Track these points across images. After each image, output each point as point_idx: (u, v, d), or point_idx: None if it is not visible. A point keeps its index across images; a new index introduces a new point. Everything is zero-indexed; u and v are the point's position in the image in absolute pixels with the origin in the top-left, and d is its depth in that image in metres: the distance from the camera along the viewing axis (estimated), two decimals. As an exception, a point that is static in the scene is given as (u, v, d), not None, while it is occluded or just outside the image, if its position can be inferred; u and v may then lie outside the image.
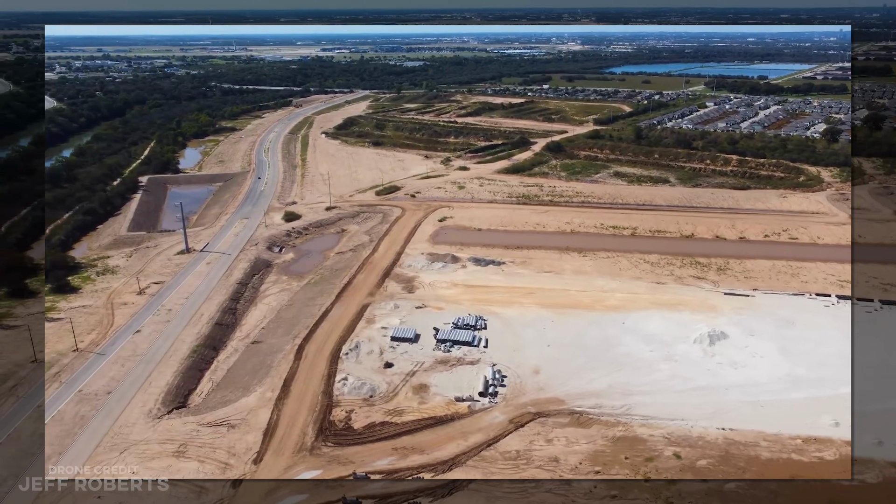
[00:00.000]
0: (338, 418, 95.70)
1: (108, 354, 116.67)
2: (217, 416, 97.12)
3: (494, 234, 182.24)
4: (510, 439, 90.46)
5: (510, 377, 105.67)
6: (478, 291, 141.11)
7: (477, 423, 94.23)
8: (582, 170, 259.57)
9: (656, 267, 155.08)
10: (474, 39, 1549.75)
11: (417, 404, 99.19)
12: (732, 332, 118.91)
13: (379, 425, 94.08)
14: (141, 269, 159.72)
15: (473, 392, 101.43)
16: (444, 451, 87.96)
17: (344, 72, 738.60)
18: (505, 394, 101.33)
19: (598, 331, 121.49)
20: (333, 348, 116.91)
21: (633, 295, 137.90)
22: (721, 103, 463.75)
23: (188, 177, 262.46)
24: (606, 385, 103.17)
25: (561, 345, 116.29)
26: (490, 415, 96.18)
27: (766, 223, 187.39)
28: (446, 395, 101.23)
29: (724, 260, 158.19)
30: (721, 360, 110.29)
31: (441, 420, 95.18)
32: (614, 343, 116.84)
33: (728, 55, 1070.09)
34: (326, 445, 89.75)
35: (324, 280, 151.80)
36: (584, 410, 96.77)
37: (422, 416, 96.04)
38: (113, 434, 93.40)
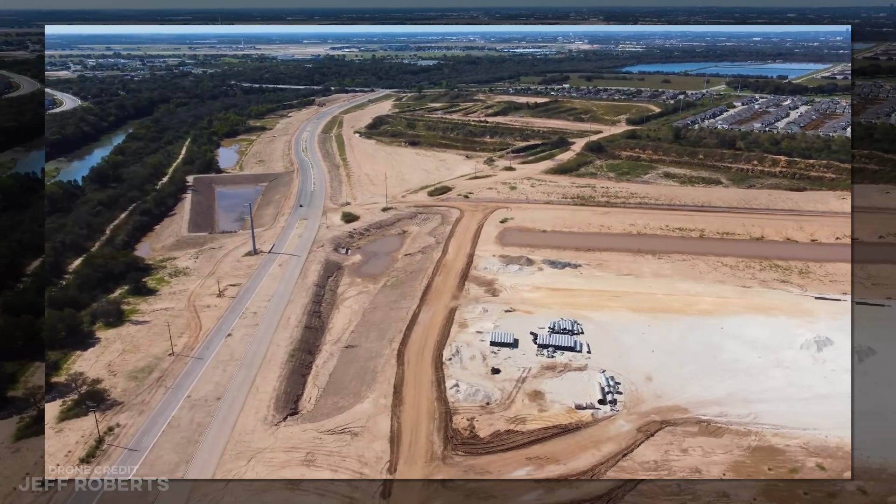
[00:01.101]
0: (461, 426, 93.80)
1: (206, 359, 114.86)
2: (336, 424, 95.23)
3: (560, 235, 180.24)
4: (643, 449, 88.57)
5: (623, 384, 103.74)
6: (562, 295, 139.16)
7: (604, 432, 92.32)
8: (630, 171, 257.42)
9: (736, 270, 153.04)
10: (480, 38, 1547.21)
11: (538, 412, 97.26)
12: (836, 338, 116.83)
13: (504, 434, 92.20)
14: (212, 270, 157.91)
15: (592, 399, 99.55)
16: (580, 462, 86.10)
17: (360, 71, 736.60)
18: (624, 401, 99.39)
19: (699, 336, 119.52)
20: (434, 353, 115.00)
21: (722, 299, 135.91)
22: (749, 103, 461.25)
23: (233, 176, 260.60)
24: (725, 393, 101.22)
25: (665, 350, 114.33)
26: (615, 423, 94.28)
27: (833, 225, 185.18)
28: (564, 403, 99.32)
29: (802, 263, 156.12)
30: (834, 367, 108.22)
31: (566, 428, 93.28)
32: (719, 349, 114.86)
33: (740, 54, 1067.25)
34: (457, 455, 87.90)
35: (401, 283, 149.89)
36: (711, 419, 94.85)
37: (546, 424, 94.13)
38: (235, 442, 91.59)
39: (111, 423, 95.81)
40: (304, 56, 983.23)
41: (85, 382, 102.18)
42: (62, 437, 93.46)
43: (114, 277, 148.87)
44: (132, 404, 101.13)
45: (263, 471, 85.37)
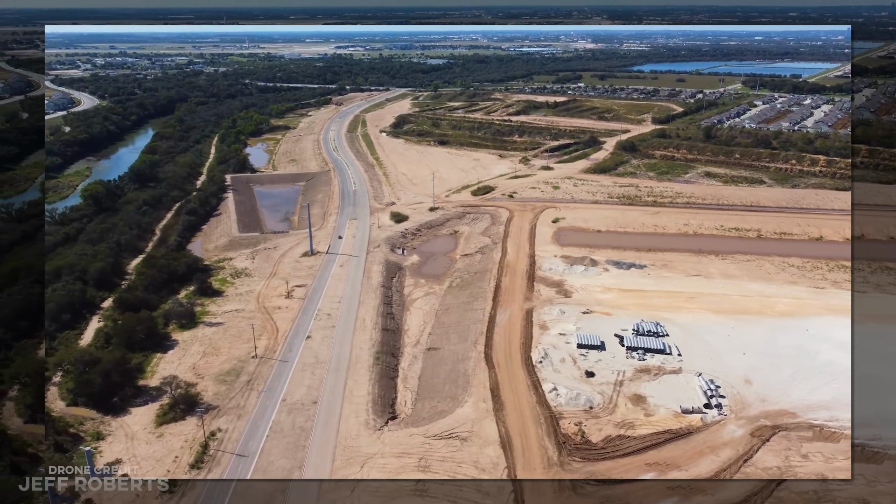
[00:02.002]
0: (570, 431, 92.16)
1: (290, 361, 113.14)
2: (441, 429, 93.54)
3: (616, 235, 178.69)
4: (762, 454, 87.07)
5: (724, 388, 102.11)
6: (635, 296, 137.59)
7: (718, 437, 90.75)
8: (669, 170, 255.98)
9: (804, 271, 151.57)
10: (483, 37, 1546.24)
11: (644, 416, 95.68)
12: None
13: (617, 439, 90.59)
14: (274, 271, 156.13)
15: (695, 403, 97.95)
16: (702, 468, 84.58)
17: (372, 69, 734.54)
18: (729, 405, 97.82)
19: (787, 338, 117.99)
20: (522, 356, 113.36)
21: (799, 300, 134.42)
22: (769, 102, 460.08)
23: (270, 176, 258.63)
24: (830, 396, 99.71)
25: (756, 353, 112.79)
26: (726, 428, 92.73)
27: (891, 225, 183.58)
28: (669, 407, 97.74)
29: (879, 263, 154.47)
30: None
31: (677, 434, 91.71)
32: (811, 351, 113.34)
33: (747, 53, 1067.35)
34: (574, 461, 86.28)
35: (467, 284, 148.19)
36: (823, 424, 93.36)
37: (656, 429, 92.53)
38: (343, 447, 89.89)
39: (212, 428, 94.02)
40: (311, 55, 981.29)
41: (179, 386, 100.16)
42: (165, 441, 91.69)
43: (177, 278, 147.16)
44: (228, 408, 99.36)
45: (380, 476, 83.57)
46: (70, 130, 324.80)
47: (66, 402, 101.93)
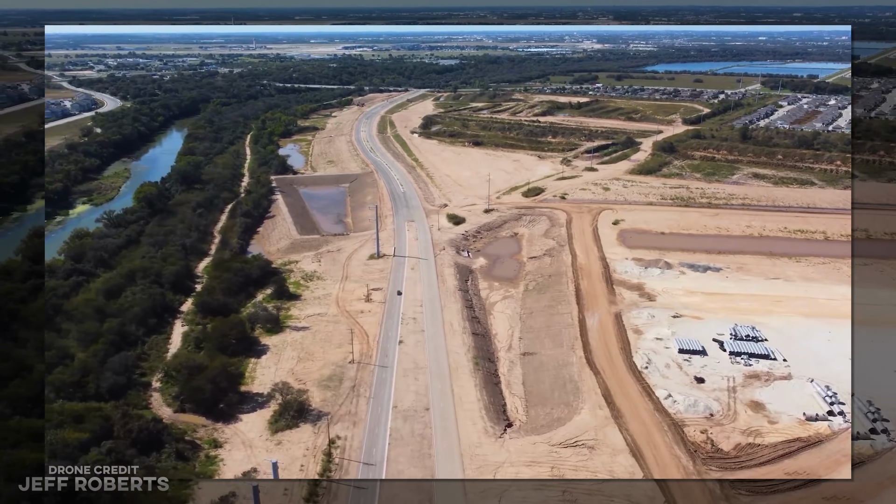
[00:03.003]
0: (698, 439, 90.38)
1: (389, 367, 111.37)
2: (564, 437, 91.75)
3: (681, 238, 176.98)
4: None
5: (840, 394, 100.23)
6: (721, 300, 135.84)
7: (849, 446, 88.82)
8: (714, 171, 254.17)
9: (888, 274, 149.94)
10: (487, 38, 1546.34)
11: (768, 424, 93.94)
12: None
13: (747, 447, 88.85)
14: (345, 274, 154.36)
15: (821, 411, 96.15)
16: (845, 477, 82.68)
17: (386, 70, 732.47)
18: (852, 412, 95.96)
19: (891, 344, 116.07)
20: (624, 361, 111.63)
21: (891, 305, 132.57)
22: (794, 103, 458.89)
23: (313, 177, 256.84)
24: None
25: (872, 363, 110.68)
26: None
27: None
28: (791, 414, 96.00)
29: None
30: None
31: (808, 442, 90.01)
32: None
33: (757, 54, 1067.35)
34: (711, 469, 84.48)
35: (544, 287, 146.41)
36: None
37: (785, 437, 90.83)
38: (469, 455, 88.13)
39: (330, 436, 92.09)
40: (320, 55, 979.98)
41: (290, 392, 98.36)
42: (286, 449, 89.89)
43: (252, 282, 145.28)
44: (340, 415, 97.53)
45: (515, 488, 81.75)
46: (101, 132, 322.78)
47: (172, 408, 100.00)
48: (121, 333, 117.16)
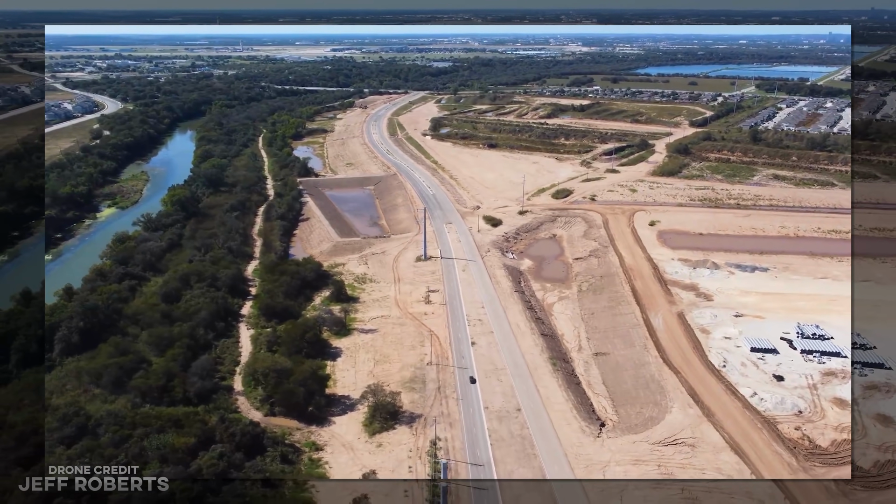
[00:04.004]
0: (795, 436, 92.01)
1: (469, 369, 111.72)
2: (662, 435, 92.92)
3: (720, 238, 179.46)
4: None
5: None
6: (777, 299, 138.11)
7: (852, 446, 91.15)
8: (735, 173, 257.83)
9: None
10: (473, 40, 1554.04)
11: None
12: None
13: (844, 443, 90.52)
14: (397, 276, 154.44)
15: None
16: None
17: (381, 72, 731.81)
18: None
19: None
20: (700, 360, 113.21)
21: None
22: (792, 105, 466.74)
23: (337, 180, 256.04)
24: None
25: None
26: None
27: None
28: (874, 410, 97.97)
29: None
30: None
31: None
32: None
33: (742, 56, 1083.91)
34: (815, 465, 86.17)
35: (599, 288, 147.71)
36: None
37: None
38: (573, 455, 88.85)
39: (430, 437, 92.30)
40: (309, 57, 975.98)
41: (383, 395, 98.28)
42: (388, 451, 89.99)
43: (308, 284, 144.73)
44: (433, 417, 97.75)
45: (628, 484, 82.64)
46: (111, 134, 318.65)
47: (262, 412, 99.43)
48: (192, 337, 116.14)
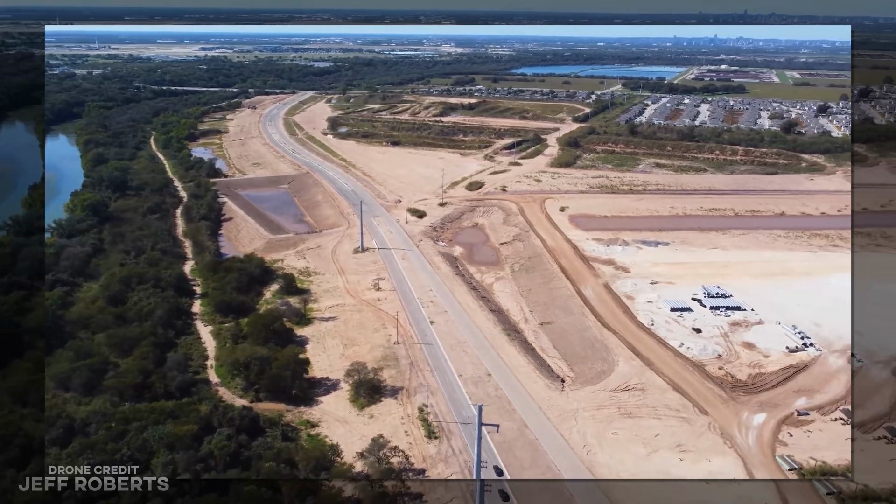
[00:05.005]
0: (720, 374, 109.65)
1: (434, 344, 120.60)
2: (616, 384, 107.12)
3: (623, 219, 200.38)
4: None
5: (805, 331, 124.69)
6: (682, 268, 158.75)
7: (828, 367, 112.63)
8: (622, 162, 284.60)
9: (791, 240, 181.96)
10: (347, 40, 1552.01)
11: (764, 358, 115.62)
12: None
13: (758, 376, 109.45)
14: (340, 268, 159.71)
15: (797, 344, 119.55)
16: (834, 389, 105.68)
17: (262, 72, 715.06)
18: (818, 343, 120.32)
19: (825, 292, 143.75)
20: (632, 321, 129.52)
21: (807, 262, 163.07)
22: (657, 101, 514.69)
23: (250, 180, 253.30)
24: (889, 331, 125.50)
25: (811, 305, 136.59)
26: (830, 360, 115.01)
27: (823, 200, 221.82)
28: (777, 349, 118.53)
29: (836, 232, 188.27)
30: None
31: (798, 368, 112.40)
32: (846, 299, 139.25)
33: (605, 58, 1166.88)
34: (740, 395, 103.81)
35: (530, 268, 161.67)
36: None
37: (781, 366, 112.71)
38: (547, 406, 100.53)
39: (417, 405, 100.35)
40: (179, 57, 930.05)
41: (366, 372, 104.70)
42: (382, 421, 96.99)
43: (256, 280, 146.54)
44: (414, 387, 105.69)
45: (597, 427, 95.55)
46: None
47: (247, 399, 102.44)
48: (154, 336, 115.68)
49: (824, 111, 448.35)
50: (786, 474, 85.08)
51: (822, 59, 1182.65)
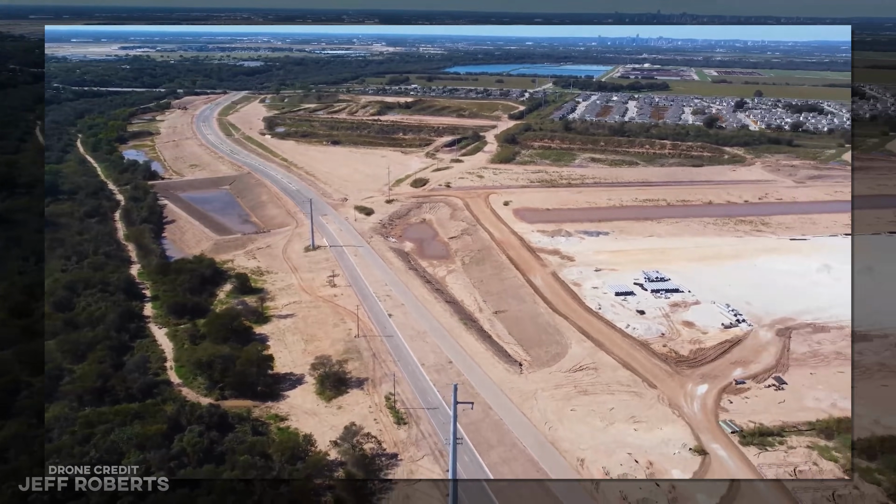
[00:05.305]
0: (664, 351, 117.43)
1: (395, 336, 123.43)
2: (570, 365, 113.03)
3: (564, 212, 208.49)
4: (794, 345, 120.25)
5: (737, 309, 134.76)
6: (623, 255, 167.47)
7: (759, 340, 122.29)
8: (559, 157, 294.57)
9: (719, 226, 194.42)
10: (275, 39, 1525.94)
11: (702, 334, 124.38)
12: (832, 263, 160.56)
13: (699, 351, 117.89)
14: (293, 266, 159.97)
15: (731, 320, 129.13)
16: (767, 359, 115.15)
17: (189, 72, 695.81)
18: (750, 320, 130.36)
19: (748, 273, 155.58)
20: (580, 306, 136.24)
21: (734, 247, 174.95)
22: (588, 99, 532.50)
23: (189, 182, 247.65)
24: (804, 306, 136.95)
25: (738, 285, 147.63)
26: (761, 333, 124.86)
27: (745, 189, 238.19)
28: (714, 326, 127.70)
29: (757, 218, 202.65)
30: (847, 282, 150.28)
31: (733, 342, 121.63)
32: (773, 279, 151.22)
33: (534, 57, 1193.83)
34: (684, 369, 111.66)
35: (480, 260, 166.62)
36: (812, 322, 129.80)
37: (718, 341, 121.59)
38: (507, 388, 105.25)
39: (383, 394, 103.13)
40: (97, 56, 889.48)
41: (331, 364, 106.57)
42: (350, 411, 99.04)
43: (208, 281, 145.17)
44: (380, 377, 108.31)
45: (556, 405, 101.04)
46: None
47: (211, 397, 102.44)
48: (108, 339, 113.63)
49: (741, 107, 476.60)
50: (729, 437, 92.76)
51: (736, 57, 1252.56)
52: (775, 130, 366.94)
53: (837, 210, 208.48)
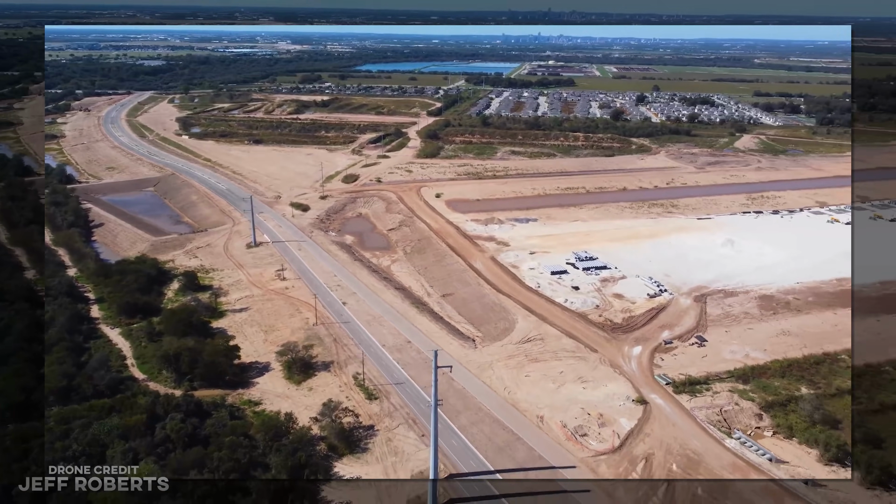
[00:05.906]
0: (601, 320, 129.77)
1: (352, 322, 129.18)
2: (519, 338, 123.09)
3: (493, 201, 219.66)
4: (710, 309, 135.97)
5: (658, 280, 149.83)
6: (553, 239, 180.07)
7: (681, 306, 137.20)
8: (482, 151, 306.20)
9: (635, 210, 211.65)
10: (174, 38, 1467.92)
11: (632, 304, 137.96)
12: (735, 238, 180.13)
13: (630, 318, 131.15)
14: (238, 262, 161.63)
15: (651, 292, 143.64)
16: (688, 322, 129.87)
17: (86, 71, 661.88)
18: (669, 289, 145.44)
19: (664, 249, 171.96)
20: (520, 285, 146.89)
21: (650, 227, 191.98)
22: (500, 95, 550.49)
23: (110, 185, 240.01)
24: (714, 276, 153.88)
25: (656, 260, 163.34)
26: (681, 300, 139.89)
27: (654, 176, 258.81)
28: (640, 296, 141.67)
29: (668, 201, 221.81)
30: (751, 254, 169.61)
31: (659, 309, 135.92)
32: (685, 254, 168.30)
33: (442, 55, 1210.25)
34: (619, 334, 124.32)
35: (421, 249, 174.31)
36: (723, 288, 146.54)
37: (646, 308, 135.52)
38: (466, 361, 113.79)
39: (351, 374, 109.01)
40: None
41: (297, 350, 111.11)
42: (321, 391, 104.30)
43: (154, 281, 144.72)
44: (344, 360, 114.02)
45: (511, 372, 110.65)
46: None
47: (181, 389, 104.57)
48: (64, 341, 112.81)
49: (642, 101, 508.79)
50: (664, 388, 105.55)
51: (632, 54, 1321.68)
52: (674, 122, 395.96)
53: (734, 192, 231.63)
